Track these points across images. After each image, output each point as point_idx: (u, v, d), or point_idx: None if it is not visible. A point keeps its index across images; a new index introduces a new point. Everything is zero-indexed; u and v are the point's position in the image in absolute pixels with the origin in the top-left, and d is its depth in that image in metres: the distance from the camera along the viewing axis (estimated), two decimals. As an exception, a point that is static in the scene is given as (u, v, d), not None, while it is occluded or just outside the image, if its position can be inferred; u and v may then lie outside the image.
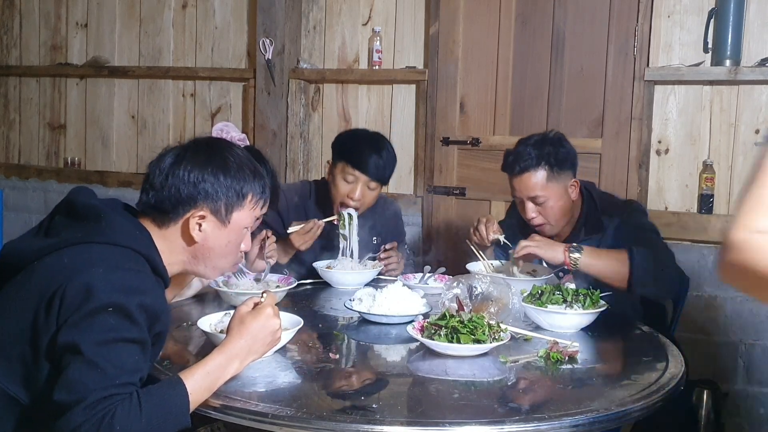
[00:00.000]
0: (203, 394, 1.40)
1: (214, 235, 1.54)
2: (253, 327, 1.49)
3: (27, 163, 4.68)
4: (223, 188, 1.52)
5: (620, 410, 1.46)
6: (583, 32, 3.42)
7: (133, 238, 1.46)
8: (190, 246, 1.54)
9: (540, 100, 3.50)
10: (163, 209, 1.52)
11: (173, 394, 1.35)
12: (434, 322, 1.77)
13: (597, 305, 1.97)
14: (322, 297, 2.39)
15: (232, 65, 4.10)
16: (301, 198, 2.74)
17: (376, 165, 2.54)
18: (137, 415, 1.27)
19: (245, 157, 1.60)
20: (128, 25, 4.35)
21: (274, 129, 3.88)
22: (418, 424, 1.37)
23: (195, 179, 1.51)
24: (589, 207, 2.49)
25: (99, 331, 1.30)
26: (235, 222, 1.56)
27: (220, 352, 1.46)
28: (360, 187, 2.55)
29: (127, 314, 1.33)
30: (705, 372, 3.26)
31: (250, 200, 1.57)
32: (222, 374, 1.44)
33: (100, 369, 1.27)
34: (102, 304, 1.31)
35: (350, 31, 3.88)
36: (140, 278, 1.40)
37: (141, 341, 1.36)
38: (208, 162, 1.53)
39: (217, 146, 1.59)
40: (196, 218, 1.51)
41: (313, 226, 2.50)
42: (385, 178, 2.62)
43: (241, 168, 1.56)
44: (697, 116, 3.26)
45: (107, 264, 1.37)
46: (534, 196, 2.39)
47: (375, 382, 1.63)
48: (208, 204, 1.52)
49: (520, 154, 2.39)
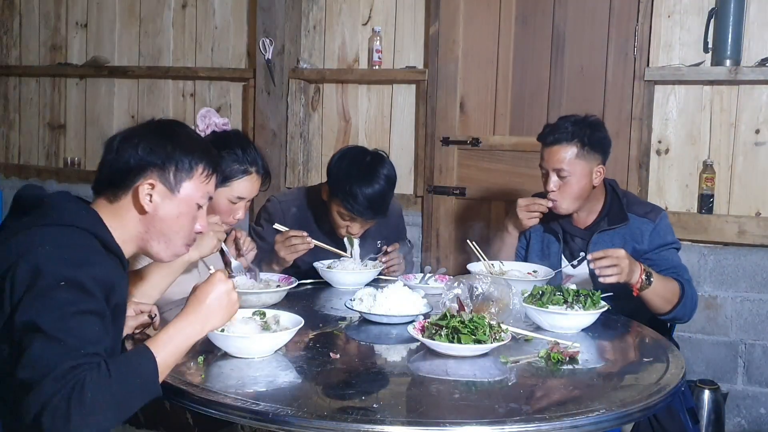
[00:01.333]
0: (170, 360, 1.42)
1: (165, 205, 1.55)
2: (205, 291, 1.52)
3: (27, 163, 4.68)
4: (171, 157, 1.55)
5: (621, 410, 1.46)
6: (583, 32, 3.42)
7: (78, 216, 1.47)
8: (142, 216, 1.54)
9: (540, 100, 3.50)
10: (114, 182, 1.54)
11: (141, 360, 1.36)
12: (435, 322, 1.77)
13: (597, 306, 1.97)
14: (322, 297, 2.38)
15: (232, 65, 4.10)
16: (300, 208, 2.69)
17: (372, 206, 2.46)
18: (107, 382, 1.28)
19: (197, 135, 1.65)
20: (128, 25, 4.35)
21: (274, 129, 3.88)
22: (418, 424, 1.37)
23: (144, 149, 1.53)
24: (612, 198, 2.54)
25: (55, 307, 1.31)
26: (186, 193, 1.57)
27: (179, 318, 1.48)
28: (358, 224, 2.54)
29: (81, 287, 1.35)
30: (705, 372, 3.27)
31: (201, 173, 1.58)
32: (185, 339, 1.46)
33: (62, 342, 1.28)
34: (54, 280, 1.33)
35: (350, 31, 3.88)
36: (88, 252, 1.42)
37: (99, 312, 1.37)
38: (156, 134, 1.57)
39: (168, 122, 1.64)
40: (145, 186, 1.52)
41: (297, 235, 2.43)
42: (383, 212, 2.54)
43: (191, 141, 1.60)
44: (697, 116, 3.26)
45: (53, 242, 1.38)
46: (559, 169, 2.43)
47: (375, 382, 1.63)
48: (156, 172, 1.53)
49: (558, 126, 2.46)
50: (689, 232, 3.24)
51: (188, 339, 1.47)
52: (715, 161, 3.23)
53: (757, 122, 3.18)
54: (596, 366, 1.77)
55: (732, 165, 3.23)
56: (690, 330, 3.29)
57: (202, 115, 2.33)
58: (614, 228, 2.48)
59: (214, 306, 1.52)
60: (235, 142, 2.25)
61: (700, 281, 3.26)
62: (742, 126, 3.20)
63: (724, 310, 3.25)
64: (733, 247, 3.22)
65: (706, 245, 3.26)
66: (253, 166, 2.24)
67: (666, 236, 2.46)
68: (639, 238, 2.46)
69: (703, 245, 3.27)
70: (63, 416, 1.23)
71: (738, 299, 3.23)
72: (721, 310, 3.25)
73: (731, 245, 3.22)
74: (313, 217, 2.69)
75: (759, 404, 3.24)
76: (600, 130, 2.49)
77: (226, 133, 2.31)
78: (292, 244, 2.42)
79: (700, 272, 3.26)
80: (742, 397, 3.25)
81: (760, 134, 3.18)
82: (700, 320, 3.28)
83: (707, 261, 3.26)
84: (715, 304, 3.26)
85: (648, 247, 2.45)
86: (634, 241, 2.46)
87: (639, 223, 2.46)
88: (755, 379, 3.24)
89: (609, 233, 2.49)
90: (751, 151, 3.20)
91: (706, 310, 3.27)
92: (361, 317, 2.03)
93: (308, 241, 2.44)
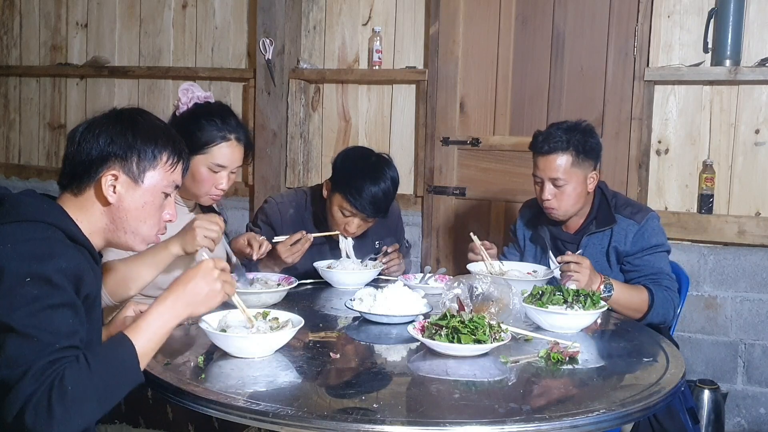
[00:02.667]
0: (149, 346, 1.42)
1: (129, 196, 1.52)
2: (188, 276, 1.52)
3: (27, 163, 4.68)
4: (133, 147, 1.52)
5: (621, 410, 1.46)
6: (583, 32, 3.42)
7: (40, 211, 1.44)
8: (106, 208, 1.52)
9: (540, 100, 3.50)
10: (77, 174, 1.52)
11: (120, 349, 1.36)
12: (435, 322, 1.77)
13: (597, 306, 1.97)
14: (322, 297, 2.38)
15: (232, 65, 4.10)
16: (297, 209, 2.69)
17: (375, 203, 2.47)
18: (87, 373, 1.28)
19: (161, 122, 1.61)
20: (128, 25, 4.35)
21: (274, 129, 3.88)
22: (418, 424, 1.37)
23: (105, 140, 1.51)
24: (600, 201, 2.54)
25: (24, 304, 1.29)
26: (150, 182, 1.54)
27: (158, 303, 1.47)
28: (357, 221, 2.53)
29: (47, 280, 1.32)
30: (705, 372, 3.27)
31: (165, 161, 1.56)
32: (163, 324, 1.45)
33: (36, 339, 1.27)
34: (18, 277, 1.31)
35: (350, 31, 3.88)
36: (50, 244, 1.38)
37: (69, 304, 1.35)
38: (118, 124, 1.53)
39: (129, 111, 1.59)
40: (108, 177, 1.50)
41: (300, 238, 2.44)
42: (384, 212, 2.54)
43: (153, 129, 1.56)
44: (697, 116, 3.27)
45: (14, 239, 1.36)
46: (555, 178, 2.43)
47: (375, 382, 1.63)
48: (119, 163, 1.51)
49: (551, 135, 2.44)
50: (689, 232, 3.25)
51: (166, 324, 1.46)
52: (714, 161, 3.23)
53: (757, 122, 3.18)
54: (596, 366, 1.77)
55: (732, 165, 3.23)
56: (690, 330, 3.30)
57: (184, 89, 2.28)
58: (602, 230, 2.48)
59: (195, 292, 1.51)
60: (215, 111, 2.22)
61: (700, 281, 3.26)
62: (741, 126, 3.20)
63: (724, 310, 3.25)
64: (733, 247, 3.22)
65: (706, 245, 3.26)
66: (233, 134, 2.20)
67: (651, 239, 2.44)
68: (622, 239, 2.45)
69: (702, 245, 3.27)
70: (45, 412, 1.23)
71: (738, 299, 3.23)
72: (721, 310, 3.26)
73: (731, 245, 3.22)
74: (310, 219, 2.69)
75: (759, 404, 3.24)
76: (593, 136, 2.48)
77: (208, 104, 2.27)
78: (296, 245, 2.43)
79: (699, 272, 3.26)
80: (741, 397, 3.25)
81: (760, 134, 3.18)
82: (700, 320, 3.28)
83: (707, 261, 3.27)
84: (714, 304, 3.26)
85: (630, 249, 2.45)
86: (617, 242, 2.46)
87: (625, 224, 2.46)
88: (755, 379, 3.24)
89: (598, 235, 2.49)
90: (750, 151, 3.20)
91: (706, 310, 3.27)
92: (361, 317, 2.03)
93: (308, 238, 2.45)
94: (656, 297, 2.35)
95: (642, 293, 2.36)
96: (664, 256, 2.47)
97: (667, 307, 2.37)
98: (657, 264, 2.44)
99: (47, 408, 1.23)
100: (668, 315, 2.38)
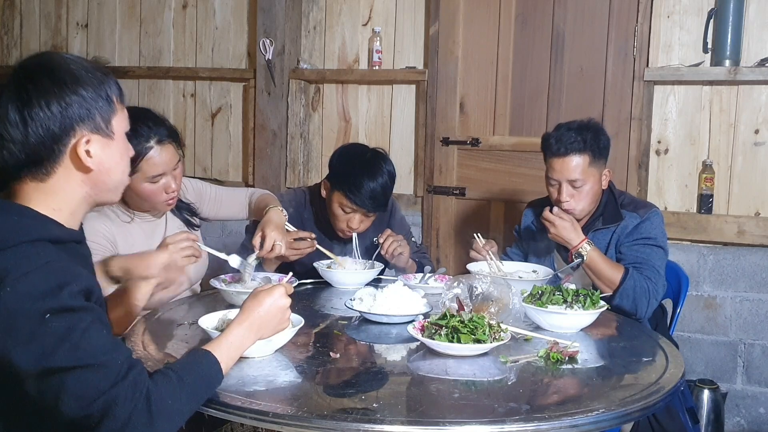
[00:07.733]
0: (229, 365, 1.46)
1: (106, 154, 1.38)
2: (267, 301, 1.55)
3: (27, 163, 4.68)
4: (90, 101, 1.35)
5: (620, 410, 1.46)
6: (582, 32, 3.42)
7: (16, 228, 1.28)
8: (87, 176, 1.37)
9: (540, 100, 3.51)
10: (39, 158, 1.33)
11: (207, 366, 1.40)
12: (435, 321, 1.77)
13: (597, 306, 1.98)
14: (322, 296, 2.39)
15: (232, 65, 4.11)
16: (297, 208, 2.69)
17: (374, 198, 2.49)
18: (179, 389, 1.31)
19: (83, 59, 1.42)
20: (128, 25, 4.36)
21: (275, 129, 3.88)
22: (418, 423, 1.37)
23: (59, 108, 1.32)
24: (608, 198, 2.55)
25: (60, 341, 1.20)
26: (117, 130, 1.41)
27: (238, 324, 1.51)
28: (359, 217, 2.55)
29: (68, 309, 1.22)
30: (704, 372, 3.27)
31: (117, 100, 1.41)
32: (241, 345, 1.50)
33: (96, 366, 1.21)
34: (36, 319, 1.19)
35: (350, 32, 3.88)
36: (50, 270, 1.24)
37: (95, 319, 1.26)
38: (57, 84, 1.33)
39: (51, 63, 1.36)
40: (81, 145, 1.35)
41: (307, 238, 2.43)
42: (384, 206, 2.57)
43: (90, 72, 1.38)
44: (696, 116, 3.27)
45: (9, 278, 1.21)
46: (574, 179, 2.43)
47: (375, 381, 1.63)
48: (86, 125, 1.35)
49: (565, 136, 2.44)
50: (689, 232, 3.25)
51: (243, 346, 1.51)
52: (714, 161, 3.23)
53: (757, 122, 3.19)
54: (596, 366, 1.77)
55: (731, 165, 3.23)
56: (689, 330, 3.30)
57: None
58: (608, 227, 2.50)
59: (270, 319, 1.56)
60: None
61: (700, 281, 3.26)
62: (741, 126, 3.21)
63: (724, 310, 3.26)
64: (733, 247, 3.22)
65: (706, 245, 3.27)
66: (151, 140, 2.09)
67: (647, 231, 2.44)
68: (624, 231, 2.47)
69: (702, 245, 3.27)
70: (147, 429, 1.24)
71: (737, 299, 3.23)
72: (721, 310, 3.26)
73: (730, 245, 3.23)
74: (310, 218, 2.69)
75: (758, 404, 3.24)
76: (603, 133, 2.50)
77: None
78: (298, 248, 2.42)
79: (699, 272, 3.27)
80: (741, 397, 3.26)
81: (760, 134, 3.18)
82: (700, 320, 3.29)
83: (706, 261, 3.27)
84: (714, 303, 3.26)
85: (626, 239, 2.46)
86: (620, 235, 2.48)
87: (629, 218, 2.48)
88: (754, 379, 3.24)
89: (603, 232, 2.50)
90: (750, 151, 3.20)
91: (706, 310, 3.28)
92: (361, 317, 2.04)
93: (313, 245, 2.44)
94: (630, 278, 2.34)
95: (618, 269, 2.37)
96: (657, 251, 2.44)
97: (640, 294, 2.33)
98: (646, 255, 2.42)
99: (149, 425, 1.24)
100: (641, 305, 2.34)
